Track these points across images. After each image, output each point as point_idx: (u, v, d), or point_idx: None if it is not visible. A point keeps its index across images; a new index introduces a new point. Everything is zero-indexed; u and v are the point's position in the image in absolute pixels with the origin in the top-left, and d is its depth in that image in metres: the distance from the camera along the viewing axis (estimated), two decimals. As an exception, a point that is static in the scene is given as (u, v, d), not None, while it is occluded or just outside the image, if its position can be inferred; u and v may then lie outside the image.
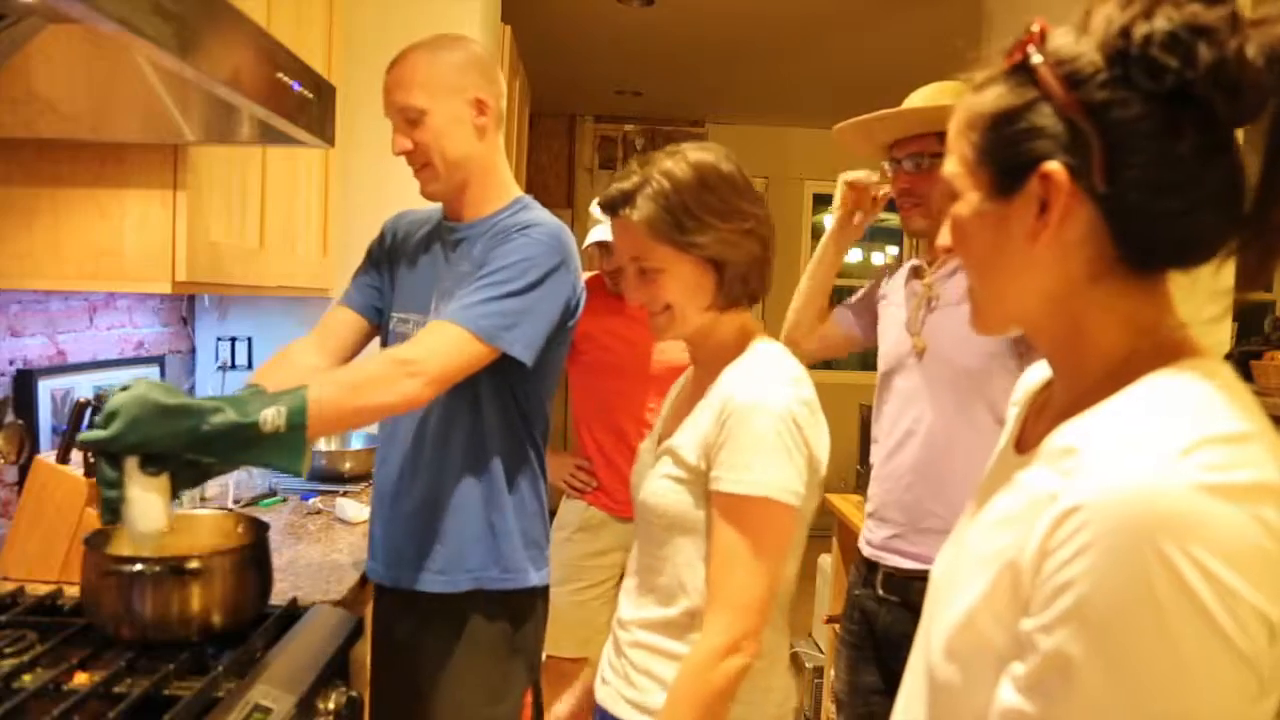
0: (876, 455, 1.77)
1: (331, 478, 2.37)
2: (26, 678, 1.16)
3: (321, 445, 2.49)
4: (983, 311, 0.74)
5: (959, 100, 0.72)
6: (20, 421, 1.64)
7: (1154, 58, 0.60)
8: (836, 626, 2.75)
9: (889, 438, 1.73)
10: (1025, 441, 0.75)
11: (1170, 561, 0.53)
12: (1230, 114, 0.60)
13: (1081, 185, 0.63)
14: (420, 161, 1.53)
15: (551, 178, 6.07)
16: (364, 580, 1.68)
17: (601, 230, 2.35)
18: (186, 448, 1.15)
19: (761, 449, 1.13)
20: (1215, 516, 0.54)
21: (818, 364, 7.26)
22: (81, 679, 1.17)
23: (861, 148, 1.80)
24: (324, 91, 1.50)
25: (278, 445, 1.19)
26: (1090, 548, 0.55)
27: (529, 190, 1.67)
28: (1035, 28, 0.66)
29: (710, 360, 1.25)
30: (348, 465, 2.40)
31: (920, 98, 1.72)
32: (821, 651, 3.22)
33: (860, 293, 2.06)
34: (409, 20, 2.58)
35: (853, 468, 3.32)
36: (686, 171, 1.17)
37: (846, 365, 5.40)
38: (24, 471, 1.61)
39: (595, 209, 2.36)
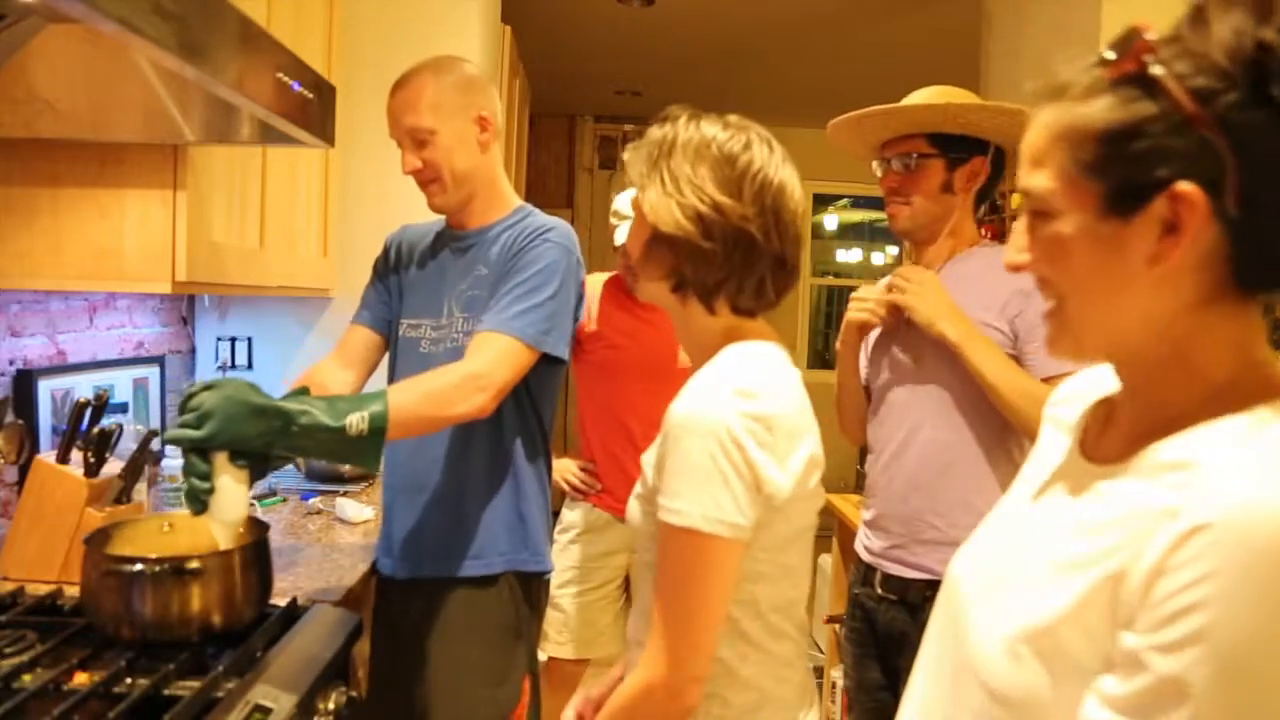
0: (872, 467, 1.77)
1: (331, 478, 2.37)
2: (26, 678, 1.16)
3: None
4: (1079, 336, 0.69)
5: (1051, 110, 0.66)
6: (20, 421, 1.63)
7: None
8: (837, 626, 2.75)
9: (884, 450, 1.73)
10: (1096, 451, 0.72)
11: None
12: None
13: (1214, 207, 0.60)
14: (429, 178, 1.60)
15: (551, 178, 6.07)
16: (374, 573, 1.70)
17: (624, 231, 2.37)
18: (273, 445, 1.23)
19: (688, 473, 1.02)
20: None
21: (816, 364, 7.19)
22: (81, 679, 1.17)
23: (853, 146, 1.80)
24: (324, 91, 1.50)
25: (359, 446, 1.29)
26: (1223, 571, 0.53)
27: (529, 190, 1.70)
28: (1150, 36, 0.61)
29: (694, 361, 1.18)
30: (347, 466, 2.40)
31: (915, 100, 1.72)
32: (822, 651, 3.22)
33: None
34: (409, 20, 2.58)
35: (853, 467, 3.32)
36: (685, 126, 1.12)
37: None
38: (24, 471, 1.61)
39: (620, 205, 2.39)
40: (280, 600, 1.43)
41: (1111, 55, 0.63)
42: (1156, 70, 0.60)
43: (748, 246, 1.09)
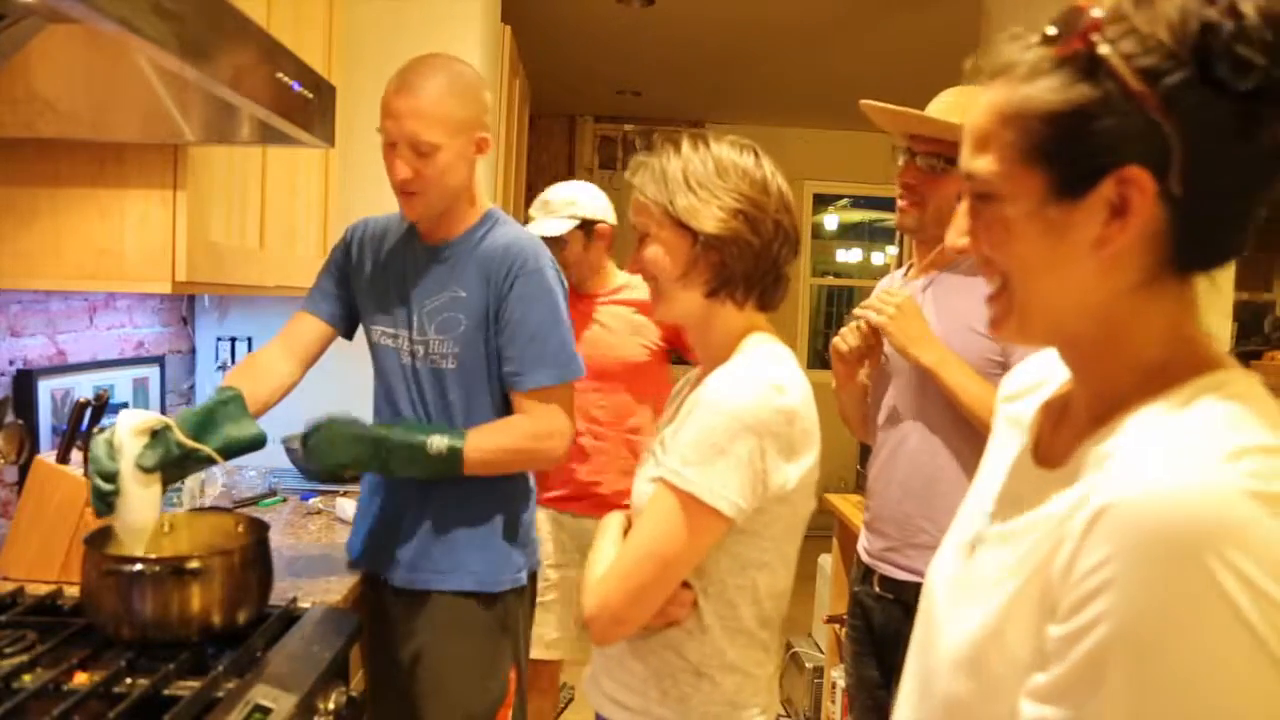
0: (871, 468, 1.78)
1: (331, 478, 2.37)
2: (26, 678, 1.16)
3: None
4: (1024, 318, 0.67)
5: (995, 90, 0.64)
6: (20, 421, 1.63)
7: (1241, 54, 0.55)
8: (837, 626, 2.75)
9: (880, 451, 1.74)
10: (1047, 455, 0.72)
11: (1207, 567, 0.51)
12: None
13: (1159, 189, 0.59)
14: (415, 189, 1.54)
15: (551, 178, 6.03)
16: (360, 572, 1.70)
17: (541, 225, 2.46)
18: (367, 467, 1.56)
19: (707, 448, 1.08)
20: (1258, 524, 0.52)
21: (816, 364, 7.22)
22: (81, 679, 1.17)
23: (884, 124, 1.77)
24: (324, 91, 1.50)
25: (437, 464, 1.52)
26: (1125, 551, 0.53)
27: (529, 190, 1.70)
28: (1097, 12, 0.59)
29: (711, 358, 1.22)
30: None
31: (944, 106, 1.68)
32: (821, 651, 3.22)
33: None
34: (409, 20, 2.58)
35: (853, 468, 3.32)
36: (692, 146, 1.17)
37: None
38: (24, 471, 1.61)
39: (554, 197, 2.51)
40: (280, 600, 1.43)
41: (1057, 34, 0.61)
42: (1104, 50, 0.58)
43: (783, 240, 1.18)
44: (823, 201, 6.31)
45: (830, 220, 6.46)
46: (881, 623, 1.73)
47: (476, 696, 1.62)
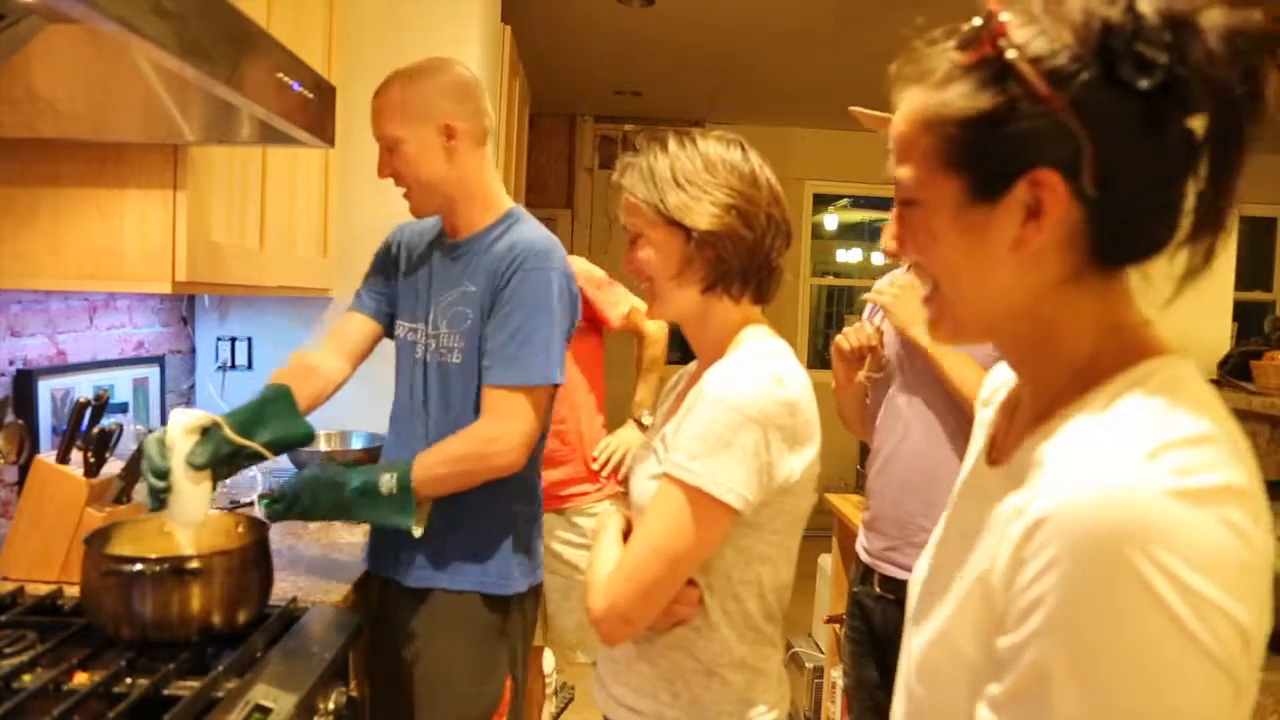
0: (870, 468, 1.78)
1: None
2: (26, 678, 1.16)
3: (322, 445, 2.49)
4: (956, 319, 0.69)
5: (914, 97, 0.66)
6: (20, 421, 1.63)
7: (1142, 53, 0.57)
8: (837, 626, 2.75)
9: (880, 451, 1.74)
10: (997, 453, 0.74)
11: (1135, 568, 0.52)
12: (1199, 105, 0.58)
13: (1072, 189, 0.60)
14: (402, 185, 1.62)
15: (551, 178, 6.07)
16: (366, 575, 1.70)
17: None
18: (338, 516, 1.57)
19: (713, 441, 1.07)
20: (1181, 521, 0.53)
21: (816, 364, 7.21)
22: (81, 679, 1.17)
23: (874, 127, 1.78)
24: (324, 91, 1.50)
25: (392, 504, 1.48)
26: (1059, 560, 0.55)
27: (529, 190, 1.70)
28: (1005, 16, 0.60)
29: (708, 354, 1.22)
30: (348, 465, 2.40)
31: None
32: (821, 651, 3.21)
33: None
34: (409, 20, 2.58)
35: (853, 468, 3.32)
36: (679, 143, 1.17)
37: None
38: (24, 471, 1.61)
39: None
40: (280, 600, 1.43)
41: (967, 39, 0.62)
42: (1011, 54, 0.59)
43: (775, 232, 1.18)
44: (823, 201, 6.31)
45: (830, 220, 6.45)
46: (881, 623, 1.73)
47: (472, 699, 1.62)
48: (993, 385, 0.84)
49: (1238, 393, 2.30)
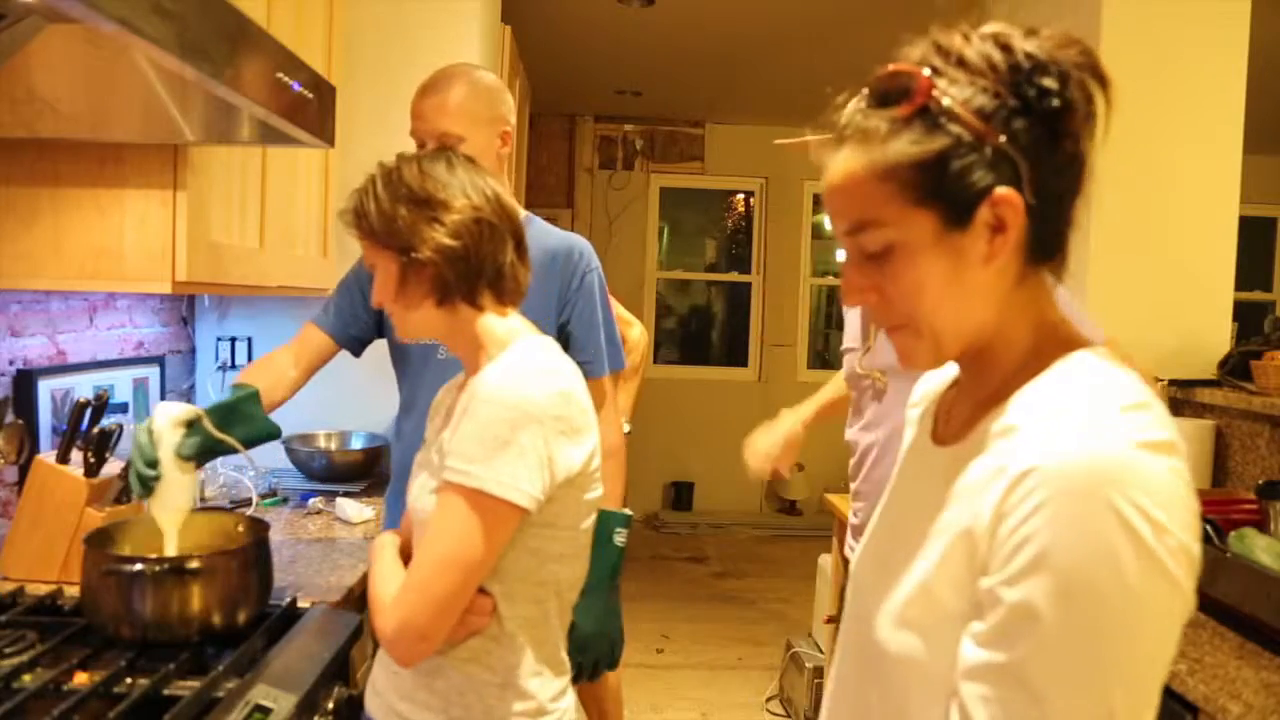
0: (855, 470, 1.79)
1: (332, 478, 2.37)
2: (26, 678, 1.16)
3: (321, 445, 2.49)
4: (937, 344, 0.76)
5: (857, 157, 0.74)
6: (20, 421, 1.64)
7: (1041, 83, 0.70)
8: (836, 626, 2.75)
9: (869, 453, 1.74)
10: (946, 436, 0.82)
11: (1118, 508, 0.62)
12: (1082, 121, 0.71)
13: (1022, 201, 0.71)
14: None
15: (551, 178, 6.07)
16: (366, 575, 1.69)
17: None
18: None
19: (487, 441, 1.04)
20: (1147, 469, 0.64)
21: (816, 364, 7.16)
22: (81, 679, 1.17)
23: (800, 151, 1.78)
24: (324, 91, 1.50)
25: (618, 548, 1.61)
26: (1047, 504, 0.64)
27: (529, 190, 1.71)
28: (927, 71, 0.71)
29: (470, 361, 1.20)
30: (348, 465, 2.40)
31: None
32: (821, 651, 3.22)
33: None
34: (409, 20, 2.58)
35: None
36: (382, 176, 1.18)
37: (839, 364, 5.39)
38: (24, 471, 1.61)
39: None
40: (280, 600, 1.43)
41: (893, 97, 0.73)
42: (946, 102, 0.70)
43: (490, 234, 1.16)
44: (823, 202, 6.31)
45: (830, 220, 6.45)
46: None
47: None
48: (922, 391, 0.94)
49: (1238, 393, 2.30)
